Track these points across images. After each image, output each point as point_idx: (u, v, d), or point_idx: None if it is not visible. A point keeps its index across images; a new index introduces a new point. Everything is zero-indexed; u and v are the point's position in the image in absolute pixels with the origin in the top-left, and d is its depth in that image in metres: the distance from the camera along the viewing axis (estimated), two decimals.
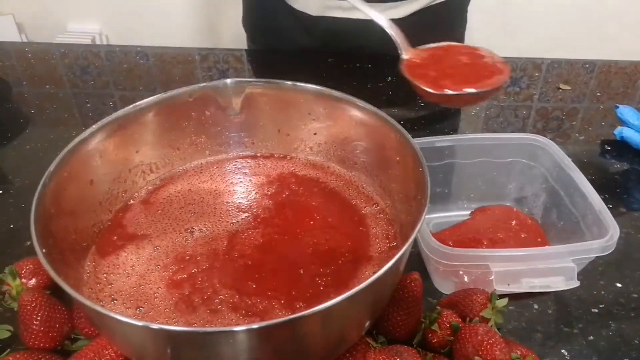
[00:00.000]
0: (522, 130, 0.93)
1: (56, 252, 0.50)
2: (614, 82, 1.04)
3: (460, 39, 1.17)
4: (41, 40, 1.88)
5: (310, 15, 1.03)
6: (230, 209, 0.63)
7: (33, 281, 0.60)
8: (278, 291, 0.54)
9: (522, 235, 0.70)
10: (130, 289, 0.55)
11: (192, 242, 0.59)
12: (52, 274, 0.42)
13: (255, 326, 0.40)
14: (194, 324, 0.51)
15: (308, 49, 1.08)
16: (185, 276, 0.56)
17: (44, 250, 0.44)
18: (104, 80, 1.05)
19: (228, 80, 0.65)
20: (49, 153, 0.55)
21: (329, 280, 0.55)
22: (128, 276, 0.56)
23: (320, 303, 0.41)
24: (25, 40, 2.00)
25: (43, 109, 0.97)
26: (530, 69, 1.07)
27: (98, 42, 1.98)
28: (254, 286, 0.55)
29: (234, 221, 0.62)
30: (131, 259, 0.58)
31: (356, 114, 0.62)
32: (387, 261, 0.44)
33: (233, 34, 1.24)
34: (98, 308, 0.40)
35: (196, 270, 0.56)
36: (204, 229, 0.61)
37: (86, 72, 1.07)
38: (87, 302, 0.40)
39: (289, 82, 0.63)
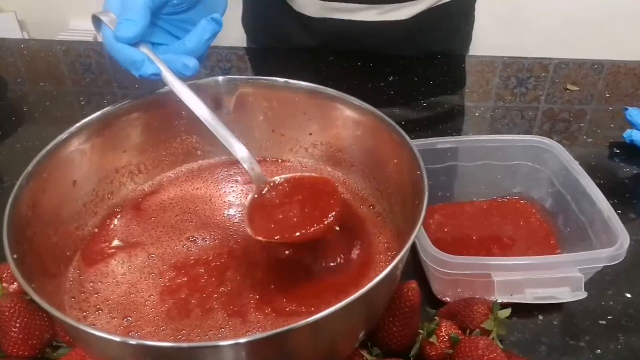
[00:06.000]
0: (529, 132, 0.90)
1: (33, 258, 0.48)
2: (623, 83, 1.02)
3: (467, 38, 1.15)
4: (43, 38, 1.87)
5: (310, 16, 1.00)
6: (227, 218, 0.61)
7: (15, 285, 0.58)
8: (273, 299, 0.52)
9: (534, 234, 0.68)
10: (120, 297, 0.53)
11: (193, 250, 0.58)
12: (21, 280, 0.39)
13: (242, 340, 0.38)
14: (182, 331, 0.50)
15: (308, 49, 1.05)
16: (185, 280, 0.54)
17: (14, 256, 0.42)
18: (105, 78, 1.03)
19: (220, 78, 0.62)
20: (40, 152, 0.54)
21: (325, 287, 0.53)
22: (118, 285, 0.54)
23: (313, 312, 0.39)
24: (27, 37, 1.99)
25: (37, 106, 0.96)
26: (537, 70, 1.05)
27: (100, 40, 1.97)
28: (249, 294, 0.53)
29: (231, 230, 0.60)
30: (122, 267, 0.56)
31: (352, 113, 0.60)
32: (384, 269, 0.42)
33: (236, 33, 1.22)
34: (67, 319, 0.38)
35: (198, 274, 0.55)
36: (205, 238, 0.59)
37: (88, 69, 1.05)
38: (55, 312, 0.38)
39: (282, 80, 0.61)
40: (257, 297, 0.52)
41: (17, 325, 0.52)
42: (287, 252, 0.57)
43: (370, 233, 0.59)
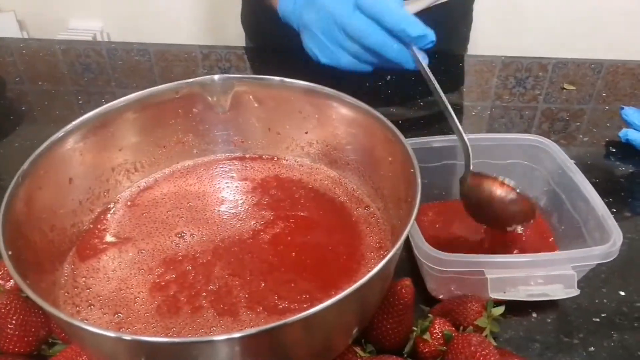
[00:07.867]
0: (527, 131, 0.90)
1: (29, 255, 0.48)
2: (622, 83, 1.02)
3: (465, 39, 1.15)
4: (42, 38, 1.87)
5: None
6: (218, 214, 0.61)
7: (11, 283, 0.58)
8: (264, 297, 0.52)
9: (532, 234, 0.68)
10: (110, 293, 0.53)
11: (181, 246, 0.58)
12: (16, 277, 0.40)
13: (235, 335, 0.38)
14: (173, 328, 0.50)
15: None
16: (174, 276, 0.54)
17: (10, 253, 0.42)
18: (104, 78, 1.03)
19: (216, 77, 0.62)
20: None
21: (317, 285, 0.53)
22: (108, 280, 0.54)
23: (305, 309, 0.39)
24: (26, 37, 1.99)
25: (36, 106, 0.96)
26: (536, 69, 1.04)
27: (99, 39, 1.97)
28: (239, 292, 0.53)
29: (221, 227, 0.60)
30: (112, 263, 0.56)
31: (347, 111, 0.60)
32: (377, 266, 0.42)
33: (235, 32, 1.23)
34: (62, 316, 0.38)
35: (186, 270, 0.55)
36: (193, 234, 0.59)
37: (87, 69, 1.05)
38: (51, 309, 0.38)
39: (277, 79, 0.61)
40: (247, 295, 0.52)
41: (14, 322, 0.52)
42: (277, 248, 0.57)
43: (364, 232, 0.59)
